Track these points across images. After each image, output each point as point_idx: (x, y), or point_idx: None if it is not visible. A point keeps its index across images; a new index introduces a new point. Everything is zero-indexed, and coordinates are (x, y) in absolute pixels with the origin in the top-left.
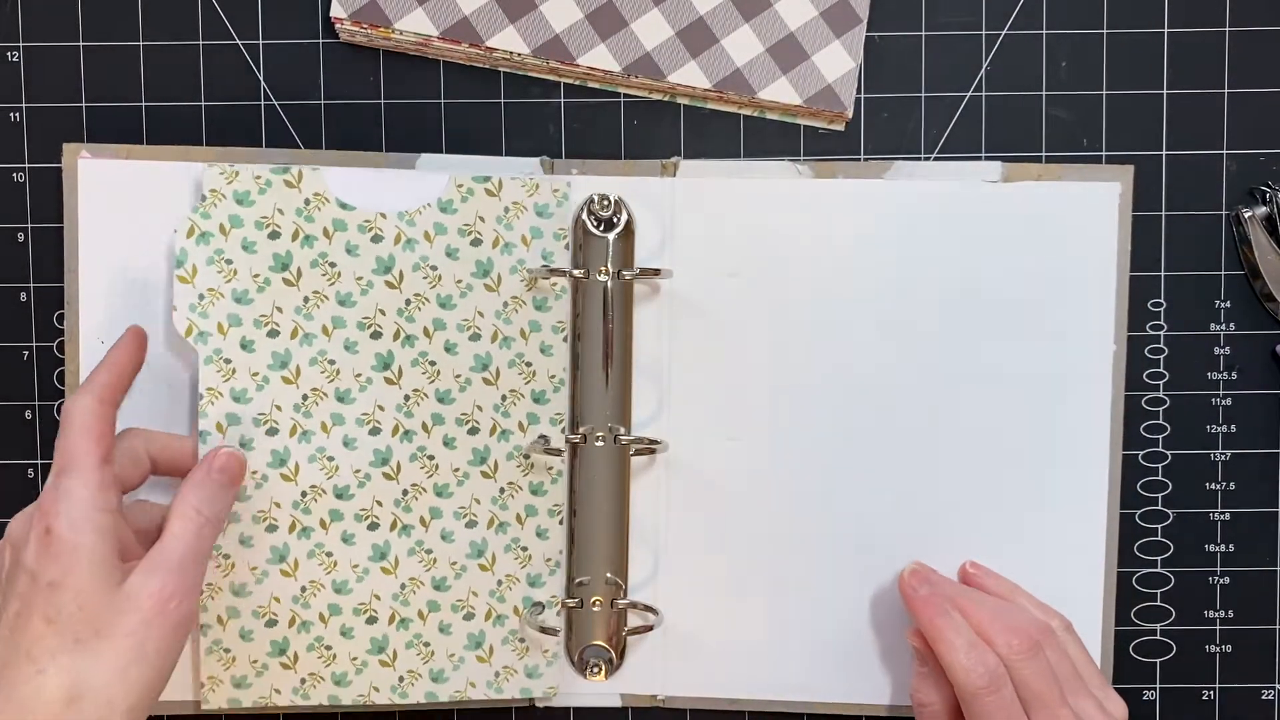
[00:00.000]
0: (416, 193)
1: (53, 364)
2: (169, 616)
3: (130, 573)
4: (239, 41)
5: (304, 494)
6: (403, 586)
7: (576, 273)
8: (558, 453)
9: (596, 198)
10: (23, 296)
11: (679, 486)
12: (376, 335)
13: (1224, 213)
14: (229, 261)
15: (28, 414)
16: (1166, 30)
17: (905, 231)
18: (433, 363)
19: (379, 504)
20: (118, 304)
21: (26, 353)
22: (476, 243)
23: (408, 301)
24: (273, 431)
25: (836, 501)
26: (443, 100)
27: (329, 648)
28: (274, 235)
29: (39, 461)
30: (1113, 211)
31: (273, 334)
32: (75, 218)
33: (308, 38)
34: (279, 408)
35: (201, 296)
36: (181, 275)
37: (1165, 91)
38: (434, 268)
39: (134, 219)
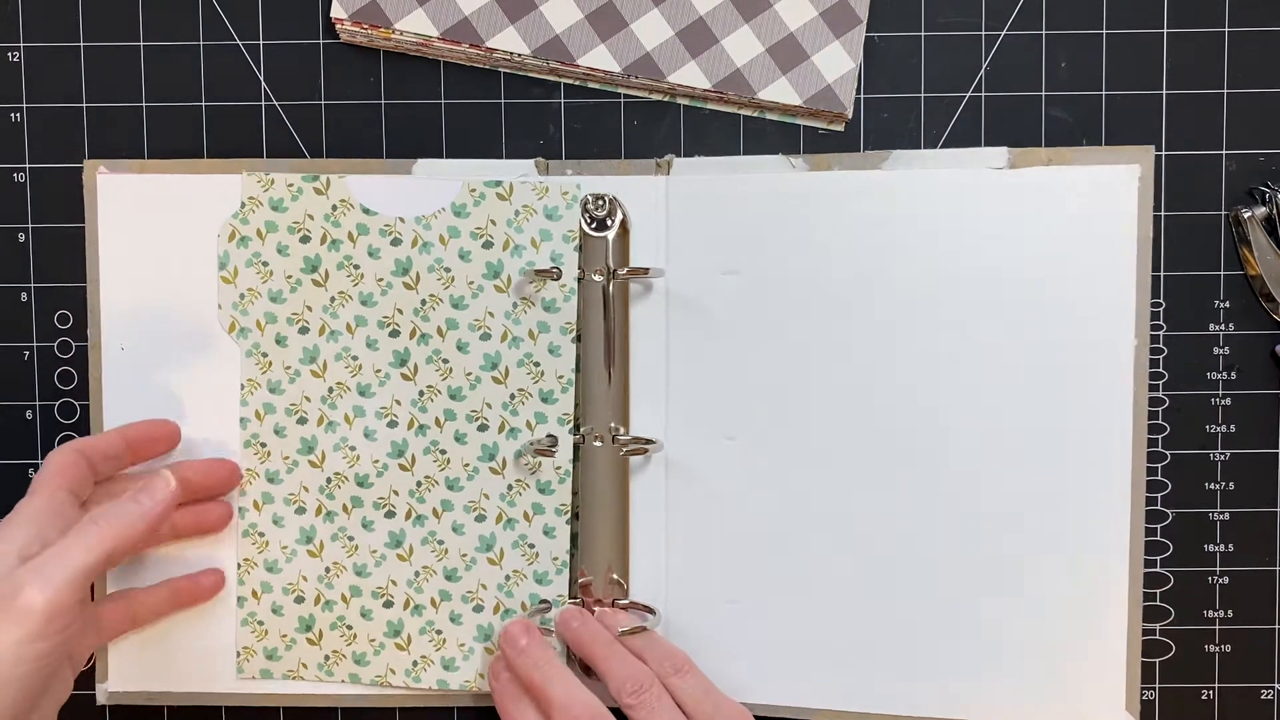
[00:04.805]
0: (432, 197)
1: (53, 364)
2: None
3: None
4: (239, 42)
5: (329, 480)
6: (416, 574)
7: (574, 272)
8: (550, 453)
9: (591, 198)
10: (23, 296)
11: (679, 486)
12: (395, 333)
13: (1224, 213)
14: (265, 264)
15: (28, 414)
16: (1166, 30)
17: (908, 223)
18: (445, 360)
19: (395, 493)
20: (137, 311)
21: (27, 353)
22: (488, 245)
23: (423, 301)
24: (302, 421)
25: (838, 499)
26: (443, 101)
27: (350, 627)
28: (305, 239)
29: (39, 461)
30: (1131, 196)
31: (303, 330)
32: (95, 231)
33: (308, 38)
34: (308, 399)
35: (242, 296)
36: (224, 276)
37: (1165, 92)
38: (447, 269)
39: (150, 230)
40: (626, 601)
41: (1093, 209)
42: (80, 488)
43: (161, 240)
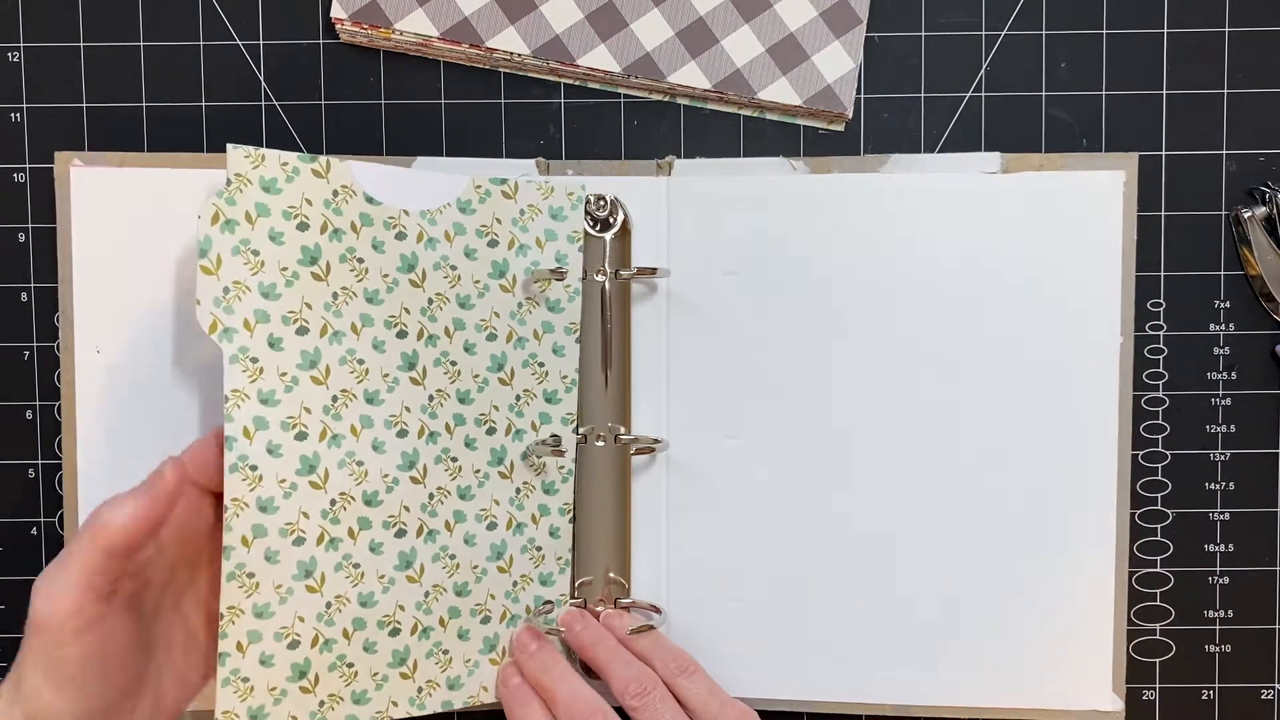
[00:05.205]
0: (437, 191)
1: (53, 364)
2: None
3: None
4: (239, 41)
5: (333, 502)
6: (426, 594)
7: (579, 273)
8: (560, 453)
9: (593, 198)
10: (23, 296)
11: (680, 485)
12: (402, 334)
13: (1224, 213)
14: (255, 253)
15: (28, 414)
16: (1166, 30)
17: (905, 225)
18: (454, 363)
19: (406, 509)
20: (115, 313)
21: (27, 353)
22: (493, 244)
23: (430, 300)
24: (301, 436)
25: (838, 499)
26: (443, 101)
27: (350, 665)
28: (302, 226)
29: (39, 461)
30: (1116, 201)
31: (302, 331)
32: (69, 228)
33: (308, 38)
34: (308, 410)
35: (227, 290)
36: (205, 266)
37: (1165, 91)
38: (454, 267)
39: (129, 227)
40: (630, 601)
41: (1081, 213)
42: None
43: (141, 238)
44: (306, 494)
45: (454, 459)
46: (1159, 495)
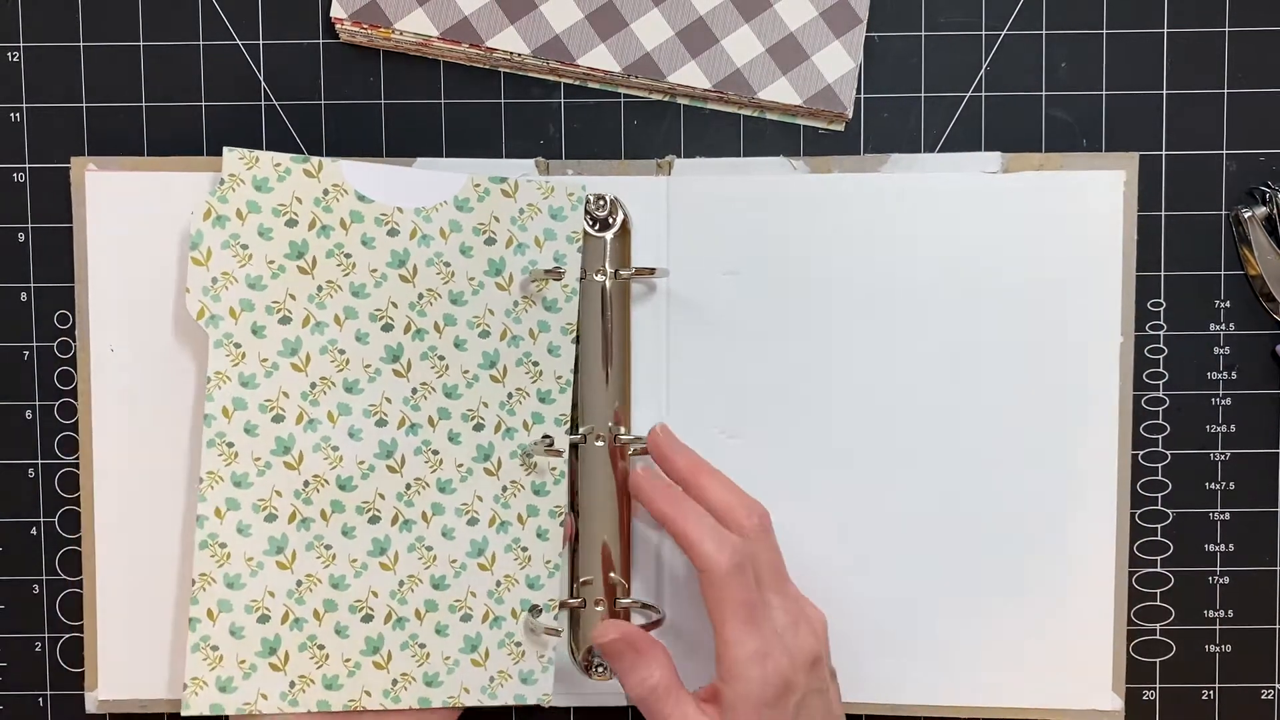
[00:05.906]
0: (434, 190)
1: (53, 364)
2: None
3: None
4: (239, 41)
5: (306, 483)
6: (401, 584)
7: (577, 273)
8: (558, 453)
9: (592, 198)
10: (23, 296)
11: None
12: (388, 328)
13: (1224, 213)
14: (244, 246)
15: (28, 414)
16: (1166, 30)
17: (905, 225)
18: (441, 357)
19: (381, 497)
20: (127, 311)
21: (27, 353)
22: (490, 242)
23: (420, 296)
24: (278, 418)
25: (837, 499)
26: (443, 100)
27: (321, 647)
28: (291, 223)
29: (39, 461)
30: (1117, 201)
31: (284, 321)
32: (84, 230)
33: (308, 38)
34: (286, 394)
35: (215, 280)
36: (195, 257)
37: (1165, 91)
38: (447, 264)
39: (140, 229)
40: (630, 600)
41: (1081, 213)
42: None
43: (152, 239)
44: (280, 473)
45: (435, 451)
46: (1159, 495)
